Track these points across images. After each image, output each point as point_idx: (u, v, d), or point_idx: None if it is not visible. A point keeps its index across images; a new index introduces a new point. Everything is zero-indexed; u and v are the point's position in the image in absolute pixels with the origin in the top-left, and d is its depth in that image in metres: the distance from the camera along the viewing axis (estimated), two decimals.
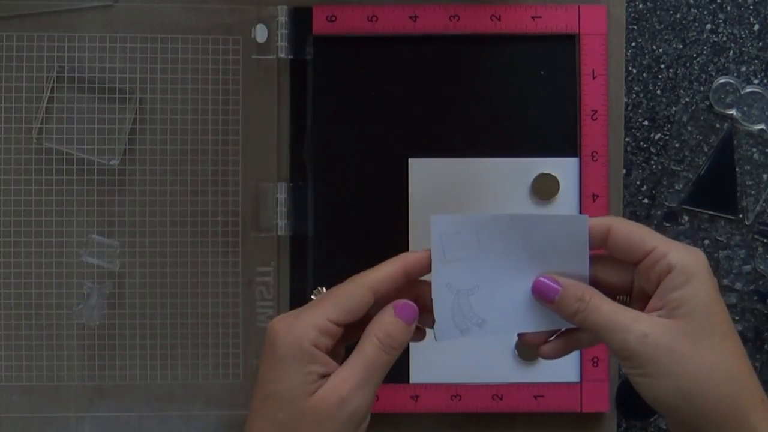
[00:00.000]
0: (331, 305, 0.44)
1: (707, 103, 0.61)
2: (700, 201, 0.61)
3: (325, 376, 0.43)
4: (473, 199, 0.60)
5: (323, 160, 0.60)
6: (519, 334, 0.46)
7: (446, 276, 0.45)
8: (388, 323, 0.44)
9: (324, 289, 0.47)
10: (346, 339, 0.46)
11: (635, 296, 0.45)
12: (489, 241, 0.45)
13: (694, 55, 0.61)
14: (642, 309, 0.43)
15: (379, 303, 0.45)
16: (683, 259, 0.42)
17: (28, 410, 0.59)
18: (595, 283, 0.45)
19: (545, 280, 0.44)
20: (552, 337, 0.46)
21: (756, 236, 0.60)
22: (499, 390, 0.59)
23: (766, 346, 0.60)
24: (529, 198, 0.60)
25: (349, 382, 0.43)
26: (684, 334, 0.41)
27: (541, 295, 0.45)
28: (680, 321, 0.41)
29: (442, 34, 0.60)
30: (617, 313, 0.42)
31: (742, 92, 0.60)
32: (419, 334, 0.47)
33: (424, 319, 0.46)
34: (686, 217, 0.61)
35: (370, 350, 0.43)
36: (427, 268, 0.45)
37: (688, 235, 0.60)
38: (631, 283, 0.45)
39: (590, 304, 0.43)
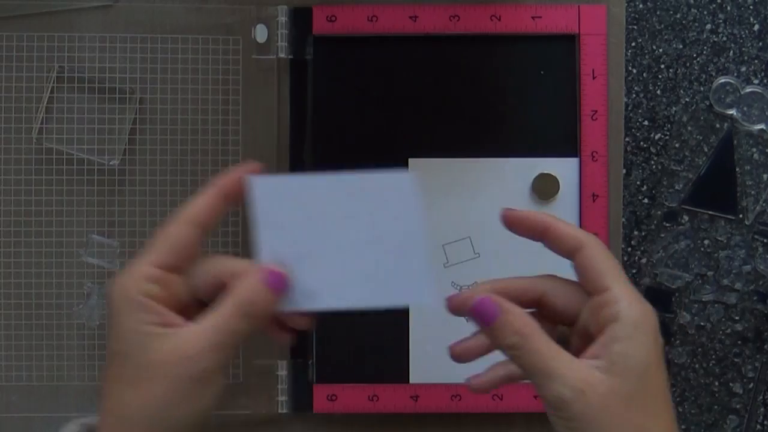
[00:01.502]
0: (154, 250, 0.41)
1: (707, 103, 0.61)
2: (700, 201, 0.61)
3: (167, 326, 0.40)
4: (473, 199, 0.60)
5: (323, 160, 0.60)
6: (449, 350, 0.44)
7: (271, 243, 0.42)
8: (253, 290, 0.41)
9: None
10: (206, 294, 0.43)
11: (576, 331, 0.43)
12: (315, 206, 0.42)
13: (694, 55, 0.61)
14: (581, 346, 0.41)
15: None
16: (633, 313, 0.40)
17: (28, 410, 0.59)
18: (541, 303, 0.43)
19: (488, 301, 0.40)
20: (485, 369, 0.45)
21: (756, 236, 0.60)
22: (499, 390, 0.59)
23: (766, 346, 0.60)
24: (529, 198, 0.60)
25: (197, 344, 0.39)
26: (619, 396, 0.39)
27: (479, 316, 0.41)
28: (617, 380, 0.39)
29: (442, 34, 0.60)
30: (554, 358, 0.39)
31: (742, 92, 0.60)
32: (283, 336, 0.44)
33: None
34: (686, 217, 0.61)
35: (226, 315, 0.40)
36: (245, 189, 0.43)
37: (688, 235, 0.60)
38: (575, 314, 0.43)
39: (528, 342, 0.40)
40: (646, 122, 0.61)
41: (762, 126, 0.60)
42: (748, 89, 0.61)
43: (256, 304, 0.41)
